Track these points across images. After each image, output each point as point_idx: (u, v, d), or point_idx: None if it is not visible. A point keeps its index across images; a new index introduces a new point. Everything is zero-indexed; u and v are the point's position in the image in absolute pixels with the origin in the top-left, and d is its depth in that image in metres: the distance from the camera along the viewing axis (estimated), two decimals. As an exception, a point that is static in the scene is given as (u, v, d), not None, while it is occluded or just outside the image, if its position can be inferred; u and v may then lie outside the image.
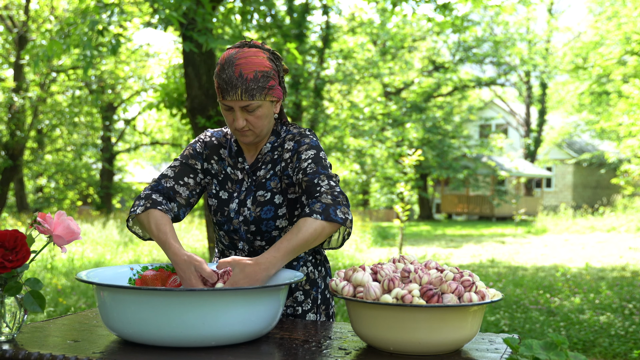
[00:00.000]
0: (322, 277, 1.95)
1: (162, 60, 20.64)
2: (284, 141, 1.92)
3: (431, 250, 12.91)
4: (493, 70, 29.57)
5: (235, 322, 1.42)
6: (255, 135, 1.86)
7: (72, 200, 23.11)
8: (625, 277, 8.50)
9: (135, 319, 1.41)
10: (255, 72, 1.79)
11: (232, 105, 1.80)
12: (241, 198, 1.90)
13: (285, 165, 1.88)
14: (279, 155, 1.91)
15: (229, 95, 1.79)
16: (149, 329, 1.40)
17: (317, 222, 1.66)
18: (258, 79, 1.79)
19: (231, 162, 1.95)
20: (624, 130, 18.63)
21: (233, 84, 1.78)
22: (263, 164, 1.92)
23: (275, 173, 1.89)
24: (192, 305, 1.38)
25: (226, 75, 1.78)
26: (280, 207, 1.86)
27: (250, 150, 1.95)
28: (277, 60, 1.89)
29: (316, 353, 1.43)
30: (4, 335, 1.48)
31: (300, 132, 1.91)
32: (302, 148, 1.86)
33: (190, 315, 1.38)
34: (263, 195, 1.88)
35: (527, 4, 23.72)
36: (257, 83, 1.79)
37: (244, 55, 1.80)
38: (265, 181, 1.89)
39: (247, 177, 1.92)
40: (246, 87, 1.78)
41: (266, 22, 8.36)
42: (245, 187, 1.91)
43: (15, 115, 18.28)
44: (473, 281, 1.42)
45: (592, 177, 30.49)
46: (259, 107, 1.81)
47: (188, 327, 1.39)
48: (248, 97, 1.78)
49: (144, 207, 1.81)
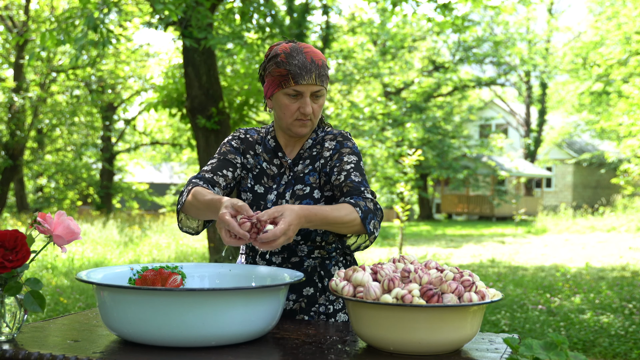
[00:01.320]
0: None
1: (162, 60, 20.64)
2: (323, 139, 1.97)
3: (431, 250, 12.91)
4: (493, 70, 29.57)
5: (235, 322, 1.42)
6: (312, 126, 1.90)
7: (72, 200, 23.11)
8: (626, 277, 8.50)
9: (135, 319, 1.41)
10: (322, 60, 1.85)
11: (304, 90, 1.83)
12: (280, 191, 1.92)
13: (325, 162, 1.92)
14: (318, 152, 1.95)
15: (303, 79, 1.82)
16: (149, 328, 1.40)
17: (355, 215, 1.71)
18: (325, 66, 1.86)
19: (267, 158, 1.98)
20: (624, 130, 18.63)
21: (308, 69, 1.82)
22: (302, 159, 1.95)
23: (315, 169, 1.93)
24: (192, 305, 1.38)
25: (298, 60, 1.82)
26: (319, 202, 1.89)
27: (288, 147, 1.98)
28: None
29: (316, 353, 1.43)
30: (4, 335, 1.48)
31: (342, 133, 1.96)
32: (344, 150, 1.90)
33: (190, 315, 1.38)
34: (302, 189, 1.90)
35: (527, 4, 23.70)
36: (324, 70, 1.86)
37: (306, 45, 1.88)
38: (303, 175, 1.92)
39: (287, 171, 1.95)
40: (319, 72, 1.83)
41: (266, 22, 8.35)
42: (285, 181, 1.94)
43: (15, 115, 18.28)
44: (473, 281, 1.42)
45: (592, 177, 30.49)
46: (322, 96, 1.88)
47: (188, 327, 1.39)
48: (320, 82, 1.84)
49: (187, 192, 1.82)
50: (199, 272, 1.79)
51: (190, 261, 9.31)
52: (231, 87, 9.29)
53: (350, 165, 1.86)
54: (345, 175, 1.84)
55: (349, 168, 1.85)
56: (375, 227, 1.75)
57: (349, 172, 1.84)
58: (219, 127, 8.28)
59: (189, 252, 10.60)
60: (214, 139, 8.34)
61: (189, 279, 1.74)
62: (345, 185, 1.82)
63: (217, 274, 1.79)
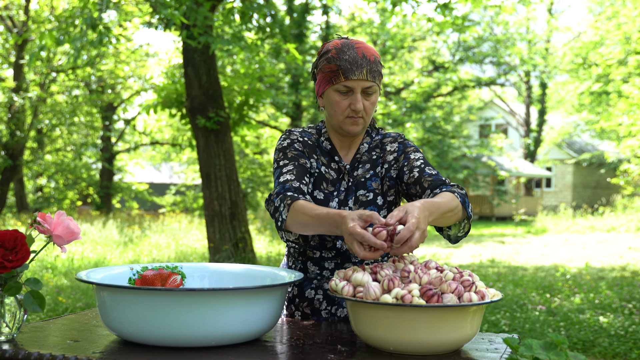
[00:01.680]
0: None
1: (162, 60, 20.65)
2: (382, 143, 1.92)
3: (431, 250, 12.91)
4: (493, 70, 29.57)
5: (235, 322, 1.42)
6: (364, 124, 1.84)
7: (72, 200, 23.10)
8: (625, 277, 8.50)
9: (135, 319, 1.41)
10: (375, 56, 1.80)
11: (355, 86, 1.78)
12: (341, 198, 1.86)
13: (389, 167, 1.88)
14: (378, 156, 1.90)
15: (354, 74, 1.76)
16: (149, 328, 1.40)
17: (457, 201, 1.67)
18: (377, 62, 1.80)
19: (325, 162, 1.90)
20: (623, 130, 18.62)
21: (359, 64, 1.76)
22: (360, 163, 1.90)
23: (377, 174, 1.88)
24: (192, 305, 1.38)
25: (348, 56, 1.77)
26: (382, 209, 1.85)
27: (343, 149, 1.92)
28: None
29: (316, 353, 1.43)
30: (4, 335, 1.48)
31: (400, 135, 1.93)
32: (408, 149, 1.88)
33: (190, 315, 1.38)
34: (365, 195, 1.86)
35: (527, 4, 23.68)
36: (377, 66, 1.80)
37: (359, 41, 1.82)
38: (365, 181, 1.87)
39: (346, 176, 1.89)
40: (370, 67, 1.78)
41: (266, 22, 8.36)
42: (344, 187, 1.88)
43: (15, 115, 18.28)
44: (473, 281, 1.42)
45: (592, 177, 30.49)
46: (375, 93, 1.81)
47: (188, 327, 1.39)
48: (371, 78, 1.78)
49: (286, 207, 1.69)
50: (199, 272, 1.79)
51: (190, 261, 9.30)
52: (231, 87, 9.29)
53: (419, 161, 1.83)
54: (419, 170, 1.81)
55: (419, 164, 1.82)
56: (471, 210, 1.74)
57: (422, 168, 1.81)
58: (218, 127, 8.28)
59: (189, 252, 10.60)
60: (214, 139, 8.34)
61: (188, 279, 1.74)
62: (424, 180, 1.78)
63: (217, 273, 1.79)
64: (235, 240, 8.43)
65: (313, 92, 20.28)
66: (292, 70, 18.93)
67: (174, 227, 14.50)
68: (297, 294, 1.91)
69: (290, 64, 18.34)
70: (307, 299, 1.88)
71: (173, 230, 13.97)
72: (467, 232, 1.78)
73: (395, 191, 1.90)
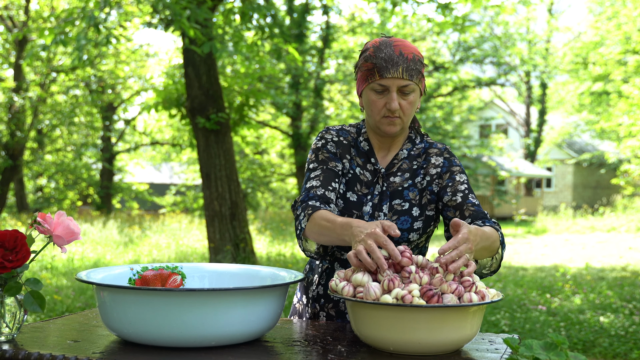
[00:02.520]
0: None
1: (162, 60, 20.65)
2: (426, 153, 1.87)
3: (431, 250, 12.92)
4: (493, 70, 29.57)
5: (235, 322, 1.42)
6: (402, 125, 1.79)
7: (72, 201, 23.11)
8: (626, 277, 8.50)
9: (135, 319, 1.41)
10: (414, 54, 1.76)
11: (390, 84, 1.74)
12: (375, 202, 1.82)
13: (431, 180, 1.83)
14: (419, 166, 1.85)
15: (389, 72, 1.72)
16: (149, 329, 1.40)
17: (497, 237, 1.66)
18: (416, 60, 1.76)
19: (360, 163, 1.86)
20: (624, 130, 18.63)
21: (394, 62, 1.73)
22: (399, 170, 1.85)
23: (415, 184, 1.83)
24: (192, 305, 1.38)
25: (385, 54, 1.73)
26: (417, 221, 1.80)
27: (381, 151, 1.88)
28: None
29: (316, 353, 1.43)
30: (4, 335, 1.48)
31: (447, 149, 1.88)
32: (454, 169, 1.83)
33: (190, 315, 1.38)
34: (400, 204, 1.81)
35: (527, 4, 23.71)
36: (415, 64, 1.75)
37: (399, 39, 1.78)
38: (402, 189, 1.83)
39: (381, 180, 1.84)
40: (407, 65, 1.73)
41: (266, 22, 8.36)
42: (378, 192, 1.83)
43: (15, 115, 18.28)
44: (473, 281, 1.42)
45: (592, 177, 30.49)
46: (412, 92, 1.76)
47: (188, 327, 1.39)
48: (408, 76, 1.73)
49: (307, 217, 1.69)
50: (199, 272, 1.79)
51: (190, 261, 9.31)
52: (231, 87, 9.30)
53: (464, 185, 1.79)
54: (463, 197, 1.77)
55: (464, 189, 1.79)
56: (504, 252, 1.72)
57: (466, 194, 1.78)
58: (218, 127, 8.28)
59: (189, 252, 10.60)
60: (214, 139, 8.34)
61: (189, 279, 1.73)
62: (467, 208, 1.76)
63: (217, 274, 1.79)
64: (236, 241, 8.43)
65: (313, 92, 20.31)
66: (292, 70, 18.93)
67: (174, 227, 14.50)
68: (322, 293, 1.87)
69: (290, 64, 18.34)
70: (333, 301, 1.86)
71: (173, 230, 13.98)
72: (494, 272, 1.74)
73: (435, 207, 1.85)
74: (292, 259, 9.90)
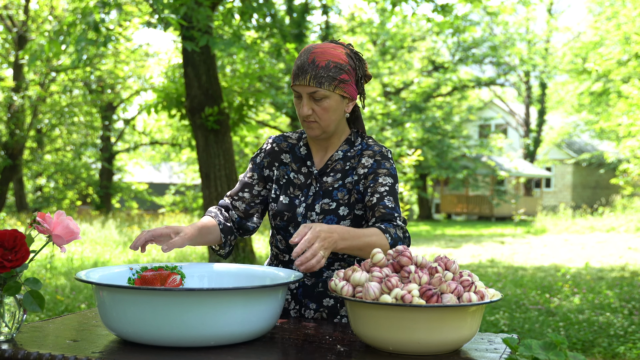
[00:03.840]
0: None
1: (162, 60, 20.64)
2: (360, 154, 1.89)
3: (430, 250, 12.91)
4: (492, 71, 29.58)
5: (235, 322, 1.42)
6: (321, 129, 1.83)
7: (71, 200, 23.10)
8: (625, 277, 8.50)
9: (134, 319, 1.41)
10: (328, 62, 1.77)
11: (301, 91, 1.79)
12: (309, 202, 1.88)
13: (358, 179, 1.85)
14: (351, 167, 1.88)
15: (298, 80, 1.79)
16: (149, 328, 1.40)
17: (385, 242, 1.69)
18: (330, 68, 1.77)
19: (295, 167, 1.93)
20: (623, 130, 18.63)
21: (304, 69, 1.77)
22: (332, 171, 1.89)
23: (345, 184, 1.86)
24: (192, 305, 1.38)
25: (300, 61, 1.79)
26: (344, 220, 1.84)
27: (319, 153, 1.93)
28: (357, 60, 1.86)
29: (316, 353, 1.43)
30: (3, 335, 1.48)
31: (382, 151, 1.88)
32: (380, 171, 1.84)
33: (190, 315, 1.38)
34: (328, 203, 1.85)
35: (527, 4, 23.70)
36: (327, 72, 1.77)
37: (322, 45, 1.81)
38: (332, 190, 1.86)
39: (314, 181, 1.89)
40: (315, 73, 1.76)
41: (266, 21, 8.36)
42: (312, 192, 1.89)
43: (14, 114, 18.28)
44: (472, 281, 1.42)
45: (592, 177, 30.50)
46: (326, 98, 1.79)
47: (187, 327, 1.39)
48: (316, 84, 1.76)
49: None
50: (199, 271, 1.79)
51: (190, 261, 9.30)
52: (231, 87, 9.29)
53: (384, 187, 1.80)
54: (378, 198, 1.79)
55: (382, 191, 1.80)
56: None
57: (382, 196, 1.79)
58: (218, 127, 8.28)
59: (189, 252, 10.61)
60: (214, 139, 8.34)
61: (188, 279, 1.73)
62: (378, 209, 1.78)
63: (217, 273, 1.79)
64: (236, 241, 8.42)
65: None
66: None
67: (173, 227, 14.47)
68: None
69: (290, 63, 18.32)
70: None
71: (172, 230, 13.94)
72: None
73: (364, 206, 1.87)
74: (291, 258, 9.92)
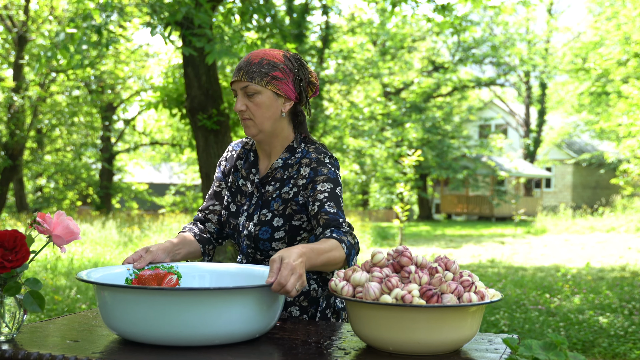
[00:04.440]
0: (325, 296, 1.88)
1: (162, 60, 20.64)
2: (299, 163, 1.85)
3: (431, 250, 12.91)
4: (492, 71, 29.58)
5: (235, 321, 1.42)
6: (256, 127, 1.82)
7: (71, 200, 23.10)
8: (625, 277, 8.50)
9: (135, 319, 1.41)
10: (262, 59, 1.81)
11: (235, 87, 1.83)
12: (250, 212, 1.88)
13: (297, 192, 1.82)
14: (289, 177, 1.85)
15: (234, 77, 1.83)
16: (149, 328, 1.40)
17: (342, 253, 1.66)
18: (262, 64, 1.80)
19: (244, 174, 1.93)
20: (623, 130, 18.64)
21: (239, 67, 1.82)
22: (273, 179, 1.87)
23: (281, 195, 1.84)
24: (192, 305, 1.38)
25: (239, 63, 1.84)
26: (278, 231, 1.82)
27: (264, 160, 1.92)
28: (297, 63, 1.86)
29: (316, 353, 1.43)
30: (4, 335, 1.48)
31: (319, 158, 1.83)
32: (318, 178, 1.79)
33: (190, 315, 1.38)
34: (265, 214, 1.84)
35: (527, 5, 23.60)
36: (259, 67, 1.80)
37: (262, 50, 1.85)
38: (270, 200, 1.85)
39: (256, 190, 1.88)
40: (248, 69, 1.80)
41: (266, 22, 8.35)
42: (254, 202, 1.88)
43: (14, 115, 18.28)
44: (472, 281, 1.42)
45: (592, 177, 30.50)
46: (258, 94, 1.80)
47: (188, 326, 1.39)
48: (247, 78, 1.79)
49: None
50: (199, 271, 1.79)
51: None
52: (231, 88, 9.29)
53: (323, 194, 1.76)
54: (319, 205, 1.74)
55: (322, 198, 1.75)
56: (354, 262, 1.71)
57: (323, 203, 1.74)
58: (218, 127, 8.28)
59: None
60: (214, 139, 8.34)
61: (189, 279, 1.74)
62: (321, 217, 1.73)
63: (217, 273, 1.79)
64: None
65: (313, 93, 20.30)
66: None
67: (173, 227, 14.50)
68: None
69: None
70: None
71: (173, 230, 13.97)
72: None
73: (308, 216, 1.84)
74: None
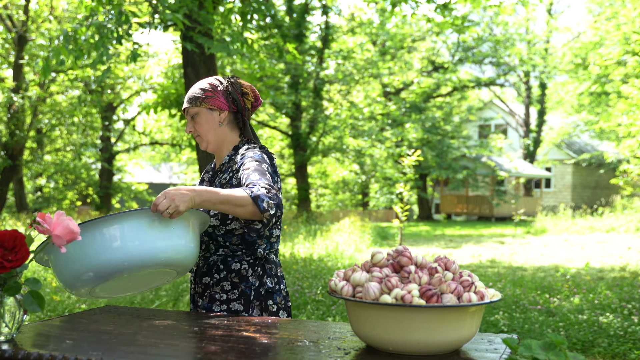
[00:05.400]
0: (257, 275, 2.10)
1: (162, 61, 20.64)
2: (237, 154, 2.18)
3: (430, 250, 12.91)
4: (492, 71, 29.58)
5: (141, 242, 1.69)
6: (204, 142, 2.19)
7: (71, 200, 23.10)
8: (625, 277, 8.50)
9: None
10: (196, 87, 2.21)
11: (185, 114, 2.22)
12: None
13: (232, 175, 2.14)
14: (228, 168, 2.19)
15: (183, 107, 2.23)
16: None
17: (245, 194, 1.83)
18: (195, 90, 2.20)
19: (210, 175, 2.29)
20: (623, 130, 18.64)
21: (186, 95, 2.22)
22: (220, 172, 2.22)
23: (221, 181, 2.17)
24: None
25: None
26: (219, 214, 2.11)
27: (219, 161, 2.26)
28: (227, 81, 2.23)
29: (315, 353, 1.43)
30: (4, 335, 1.48)
31: (249, 147, 2.17)
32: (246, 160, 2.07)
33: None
34: None
35: (527, 5, 23.61)
36: (193, 93, 2.20)
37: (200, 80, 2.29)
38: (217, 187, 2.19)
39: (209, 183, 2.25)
40: (189, 96, 2.20)
41: (266, 22, 8.35)
42: None
43: (14, 115, 18.27)
44: (472, 281, 1.42)
45: (591, 177, 30.49)
46: (197, 114, 2.18)
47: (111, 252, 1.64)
48: (186, 104, 2.19)
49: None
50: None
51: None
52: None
53: (247, 170, 2.00)
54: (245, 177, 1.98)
55: (246, 169, 2.01)
56: (270, 206, 1.82)
57: (247, 174, 1.98)
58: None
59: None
60: (214, 139, 8.34)
61: None
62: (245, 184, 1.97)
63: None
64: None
65: (312, 92, 20.30)
66: (292, 70, 18.92)
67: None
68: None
69: (291, 64, 18.33)
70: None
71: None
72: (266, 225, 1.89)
73: None
74: (291, 259, 9.90)
